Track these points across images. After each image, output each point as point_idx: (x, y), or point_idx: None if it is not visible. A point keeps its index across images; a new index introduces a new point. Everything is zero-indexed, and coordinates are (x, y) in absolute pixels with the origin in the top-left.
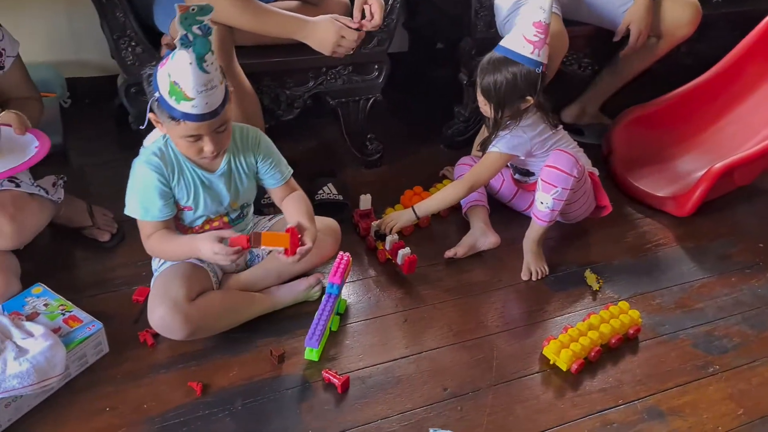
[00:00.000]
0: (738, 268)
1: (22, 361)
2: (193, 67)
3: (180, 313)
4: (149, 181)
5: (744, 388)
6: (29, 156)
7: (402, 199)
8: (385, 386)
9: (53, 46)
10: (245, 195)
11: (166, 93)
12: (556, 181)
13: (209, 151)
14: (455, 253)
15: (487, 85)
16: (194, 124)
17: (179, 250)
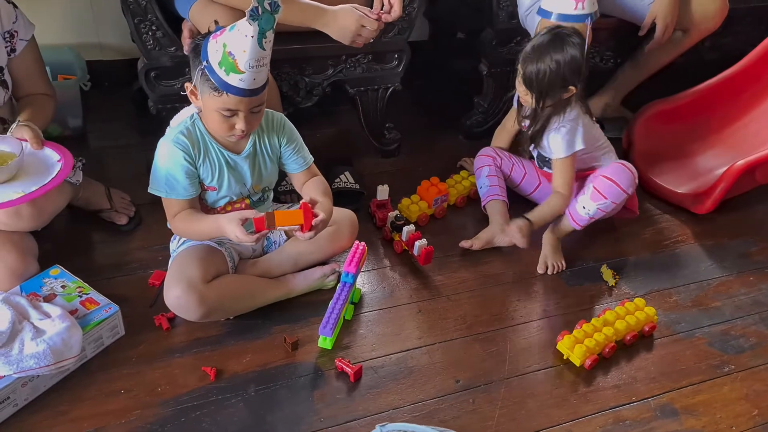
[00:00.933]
0: (757, 267)
1: (39, 341)
2: (253, 41)
3: (195, 293)
4: (176, 160)
5: (759, 388)
6: (55, 172)
7: (419, 189)
8: (398, 376)
9: (74, 29)
10: (268, 178)
11: (216, 63)
12: (608, 194)
13: (240, 129)
14: (471, 245)
15: (529, 74)
16: (235, 98)
17: (205, 229)
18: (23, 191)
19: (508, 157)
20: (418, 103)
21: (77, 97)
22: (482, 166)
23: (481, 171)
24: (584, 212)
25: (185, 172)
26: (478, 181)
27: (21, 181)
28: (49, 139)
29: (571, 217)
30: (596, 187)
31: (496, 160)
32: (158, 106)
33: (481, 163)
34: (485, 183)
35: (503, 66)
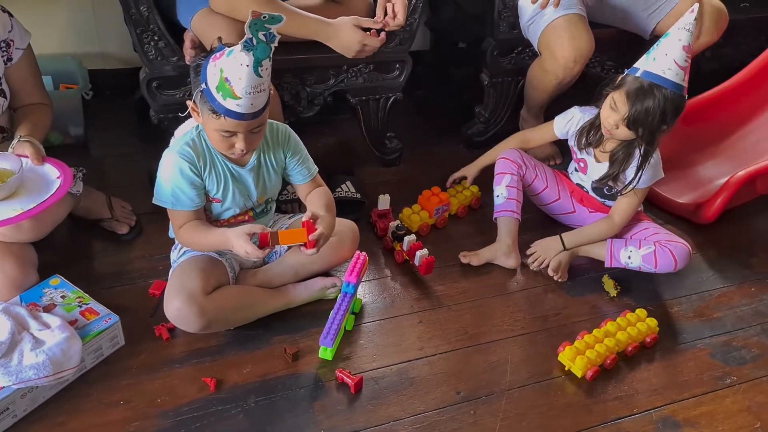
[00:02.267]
0: (758, 277)
1: (38, 352)
2: (248, 70)
3: (195, 306)
4: (181, 171)
5: (762, 400)
6: (54, 188)
7: (420, 199)
8: (398, 388)
9: (76, 37)
10: (272, 190)
11: (214, 87)
12: (661, 266)
13: (239, 149)
14: (470, 261)
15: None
16: (233, 122)
17: (211, 241)
18: (22, 208)
19: (534, 167)
20: (419, 112)
21: (79, 106)
22: (504, 173)
23: (502, 178)
24: (626, 260)
25: (191, 183)
26: (496, 188)
27: (20, 198)
28: (51, 148)
29: (611, 255)
30: (656, 254)
31: (521, 169)
32: (160, 116)
33: (505, 169)
34: (503, 193)
35: (504, 76)
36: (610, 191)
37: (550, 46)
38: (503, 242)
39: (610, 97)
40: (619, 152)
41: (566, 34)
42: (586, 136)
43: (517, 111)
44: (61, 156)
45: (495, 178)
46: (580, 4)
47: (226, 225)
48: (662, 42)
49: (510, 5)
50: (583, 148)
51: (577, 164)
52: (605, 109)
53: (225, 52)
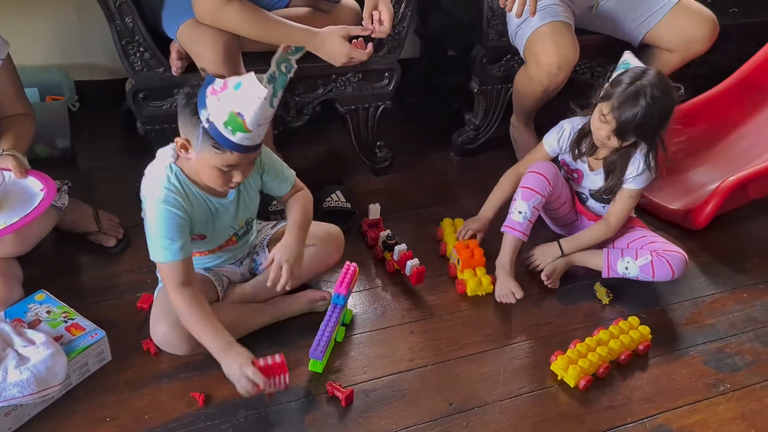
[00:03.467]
0: (751, 283)
1: (22, 369)
2: (264, 102)
3: (183, 330)
4: (173, 220)
5: (756, 407)
6: (37, 201)
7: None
8: (390, 400)
9: (62, 49)
10: (252, 211)
11: (221, 122)
12: (659, 276)
13: (236, 182)
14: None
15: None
16: (238, 155)
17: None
18: (5, 222)
19: (562, 185)
20: (409, 120)
21: (65, 118)
22: (535, 192)
23: (531, 195)
24: (623, 271)
25: (181, 231)
26: (520, 202)
27: (3, 212)
28: (38, 160)
29: (608, 266)
30: (654, 265)
31: (553, 192)
32: (147, 127)
33: (538, 188)
34: (525, 212)
35: (494, 83)
36: (608, 195)
37: (535, 54)
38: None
39: (598, 108)
40: (615, 161)
41: (551, 41)
42: (578, 146)
43: (507, 118)
44: (48, 168)
45: (523, 190)
46: (567, 12)
47: (207, 255)
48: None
49: (499, 13)
50: (577, 158)
51: (571, 176)
52: (595, 120)
53: (228, 85)
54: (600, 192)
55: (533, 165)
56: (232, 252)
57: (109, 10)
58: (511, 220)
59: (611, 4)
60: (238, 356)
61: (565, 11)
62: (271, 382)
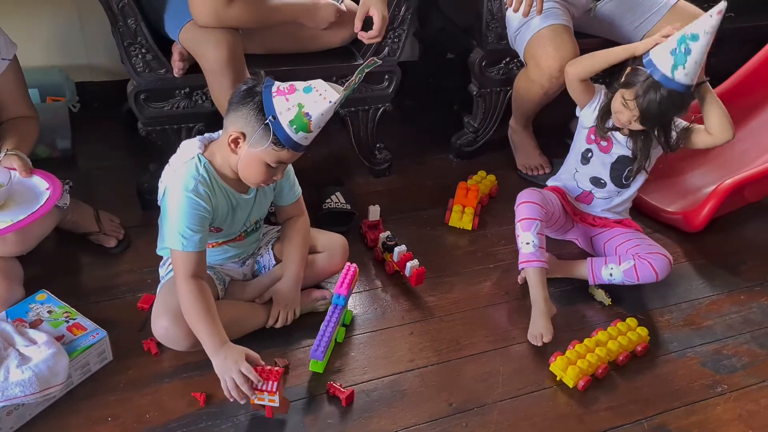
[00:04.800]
0: (747, 285)
1: (24, 369)
2: (332, 106)
3: (184, 325)
4: (195, 211)
5: (753, 409)
6: (43, 200)
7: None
8: (390, 400)
9: (63, 50)
10: (263, 212)
11: (287, 120)
12: (642, 277)
13: (277, 179)
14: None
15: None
16: (292, 154)
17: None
18: (11, 220)
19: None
20: (408, 122)
21: (66, 119)
22: (533, 219)
23: (531, 224)
24: (608, 277)
25: (203, 223)
26: (524, 234)
27: (9, 210)
28: (38, 161)
29: (592, 274)
30: (636, 268)
31: (547, 213)
32: (148, 128)
33: (532, 215)
34: (533, 240)
35: (493, 86)
36: (627, 180)
37: (535, 57)
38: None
39: (620, 93)
40: (637, 143)
41: (551, 44)
42: (603, 123)
43: (505, 121)
44: (49, 169)
45: (521, 222)
46: (566, 15)
47: (215, 247)
48: (692, 49)
49: (498, 16)
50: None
51: (598, 145)
52: (617, 104)
53: (297, 88)
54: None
55: (521, 196)
56: (239, 249)
57: (112, 11)
58: (523, 254)
59: (609, 7)
60: (235, 352)
61: (564, 14)
62: (261, 385)
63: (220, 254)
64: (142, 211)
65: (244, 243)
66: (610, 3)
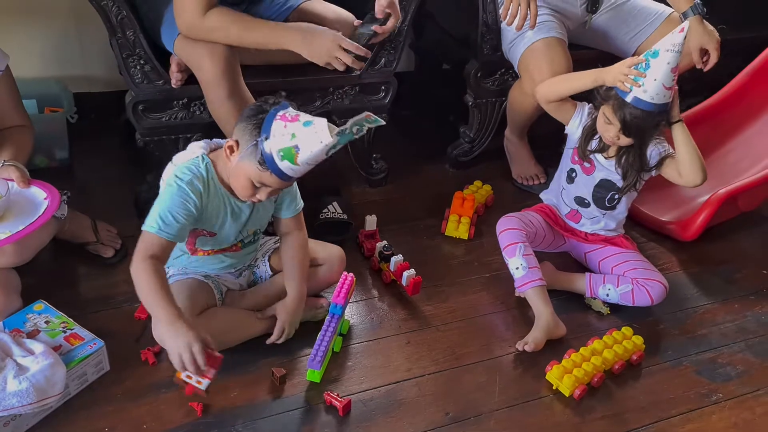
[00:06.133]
0: (742, 294)
1: (21, 379)
2: (324, 148)
3: None
4: (182, 201)
5: (748, 417)
6: (41, 210)
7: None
8: (387, 409)
9: (62, 61)
10: (262, 222)
11: (277, 147)
12: (638, 302)
13: (259, 199)
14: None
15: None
16: (275, 179)
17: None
18: (9, 231)
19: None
20: (405, 133)
21: (64, 130)
22: (516, 242)
23: (515, 249)
24: (603, 296)
25: (186, 215)
26: (512, 260)
27: (7, 221)
28: (36, 171)
29: (590, 290)
30: (634, 293)
31: (527, 232)
32: (146, 139)
33: (514, 239)
34: (522, 263)
35: (488, 97)
36: (611, 202)
37: (528, 69)
38: (546, 316)
39: (601, 111)
40: (628, 158)
41: (544, 57)
42: (585, 146)
43: (501, 131)
44: (46, 179)
45: (505, 251)
46: (561, 28)
47: (210, 255)
48: (651, 66)
49: (493, 28)
50: (588, 155)
51: (581, 166)
52: (600, 123)
53: (301, 119)
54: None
55: (499, 225)
56: (234, 259)
57: (111, 23)
58: (517, 279)
59: (603, 19)
60: (192, 334)
61: (558, 27)
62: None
63: (216, 264)
64: (140, 221)
65: (240, 254)
66: (605, 15)
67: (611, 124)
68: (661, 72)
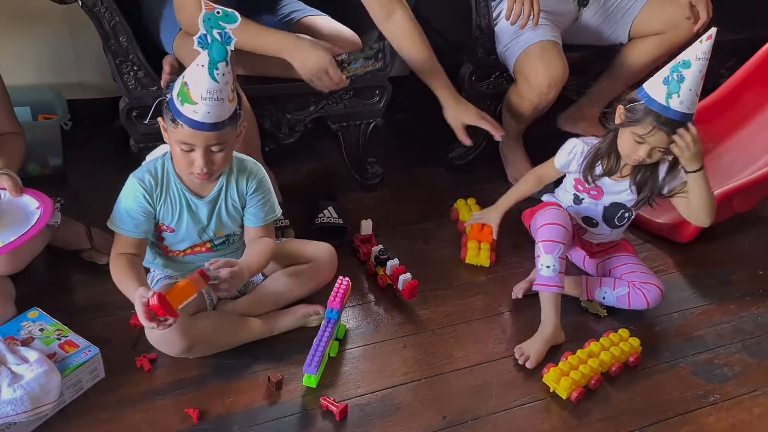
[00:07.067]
0: (738, 295)
1: (16, 387)
2: (204, 71)
3: (178, 326)
4: (135, 196)
5: (745, 418)
6: (34, 220)
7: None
8: (384, 414)
9: (55, 68)
10: (230, 226)
11: (176, 93)
12: (634, 305)
13: (198, 167)
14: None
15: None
16: (189, 131)
17: (123, 286)
18: (2, 242)
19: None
20: (400, 136)
21: (57, 137)
22: (558, 242)
23: (554, 247)
24: (601, 299)
25: (139, 210)
26: (546, 257)
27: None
28: (30, 178)
29: (587, 293)
30: (630, 296)
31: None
32: (140, 145)
33: (559, 237)
34: (554, 265)
35: (483, 100)
36: (621, 221)
37: (524, 73)
38: (552, 326)
39: (629, 133)
40: (644, 174)
41: (540, 60)
42: (591, 171)
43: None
44: (40, 187)
45: (544, 244)
46: (555, 30)
47: (182, 256)
48: (686, 77)
49: (487, 31)
50: (592, 182)
51: (588, 194)
52: (628, 144)
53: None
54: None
55: (546, 215)
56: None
57: (104, 29)
58: (542, 276)
59: (593, 11)
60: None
61: (553, 29)
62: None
63: (189, 264)
64: None
65: (214, 255)
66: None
67: (643, 143)
68: (695, 81)
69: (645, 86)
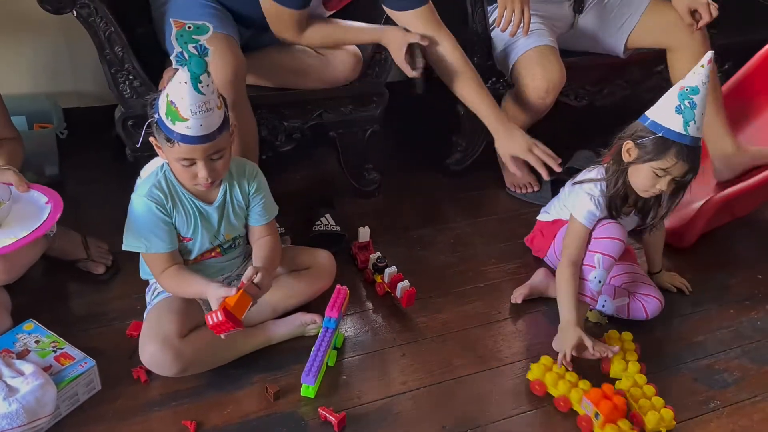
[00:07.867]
0: (737, 300)
1: (11, 401)
2: (188, 87)
3: (171, 350)
4: (152, 213)
5: (746, 424)
6: (46, 213)
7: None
8: (383, 423)
9: (51, 77)
10: (238, 228)
11: (164, 113)
12: (632, 314)
13: (203, 178)
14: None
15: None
16: (188, 147)
17: (190, 291)
18: (16, 236)
19: None
20: (397, 143)
21: (53, 146)
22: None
23: (611, 264)
24: (600, 307)
25: (163, 225)
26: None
27: (10, 227)
28: None
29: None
30: (629, 307)
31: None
32: (136, 154)
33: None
34: (604, 280)
35: None
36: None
37: (522, 78)
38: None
39: (648, 168)
40: (648, 201)
41: (538, 65)
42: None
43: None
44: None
45: (604, 258)
46: (552, 36)
47: (191, 264)
48: (697, 103)
49: (483, 36)
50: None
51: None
52: (647, 179)
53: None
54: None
55: (612, 229)
56: (216, 266)
57: (99, 39)
58: (590, 289)
59: (590, 17)
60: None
61: (550, 34)
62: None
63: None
64: None
65: (222, 259)
66: (591, 13)
67: (665, 176)
68: (704, 105)
69: (654, 118)
